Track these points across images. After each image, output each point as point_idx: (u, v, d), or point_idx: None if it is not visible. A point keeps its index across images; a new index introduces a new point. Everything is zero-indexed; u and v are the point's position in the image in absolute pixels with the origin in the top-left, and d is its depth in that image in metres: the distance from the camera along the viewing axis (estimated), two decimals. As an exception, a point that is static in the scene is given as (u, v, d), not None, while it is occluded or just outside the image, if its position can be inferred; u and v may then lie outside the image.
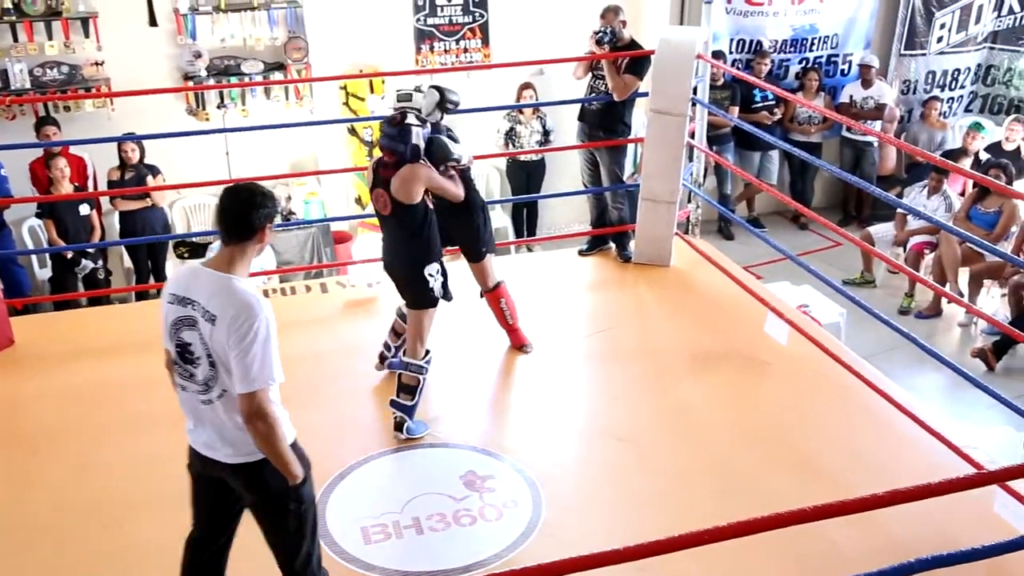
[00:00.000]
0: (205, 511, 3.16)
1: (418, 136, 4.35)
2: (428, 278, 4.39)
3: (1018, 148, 8.60)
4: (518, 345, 5.18)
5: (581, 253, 6.37)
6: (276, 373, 2.87)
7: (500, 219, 8.45)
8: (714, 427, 4.54)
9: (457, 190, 4.56)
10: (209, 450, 2.99)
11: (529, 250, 8.31)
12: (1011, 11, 9.67)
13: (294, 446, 2.98)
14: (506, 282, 5.07)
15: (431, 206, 4.48)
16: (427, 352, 4.48)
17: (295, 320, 5.55)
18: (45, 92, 7.31)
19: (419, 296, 4.45)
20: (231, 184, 3.08)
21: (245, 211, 2.90)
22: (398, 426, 4.41)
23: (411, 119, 4.38)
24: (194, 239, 7.78)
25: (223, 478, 3.02)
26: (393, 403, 4.42)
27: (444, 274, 4.49)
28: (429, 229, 4.43)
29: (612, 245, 6.33)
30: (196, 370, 2.91)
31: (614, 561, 2.13)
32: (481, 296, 5.08)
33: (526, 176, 8.54)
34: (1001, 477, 2.39)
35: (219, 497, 3.09)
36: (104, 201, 7.52)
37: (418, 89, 4.63)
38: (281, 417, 2.93)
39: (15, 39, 7.27)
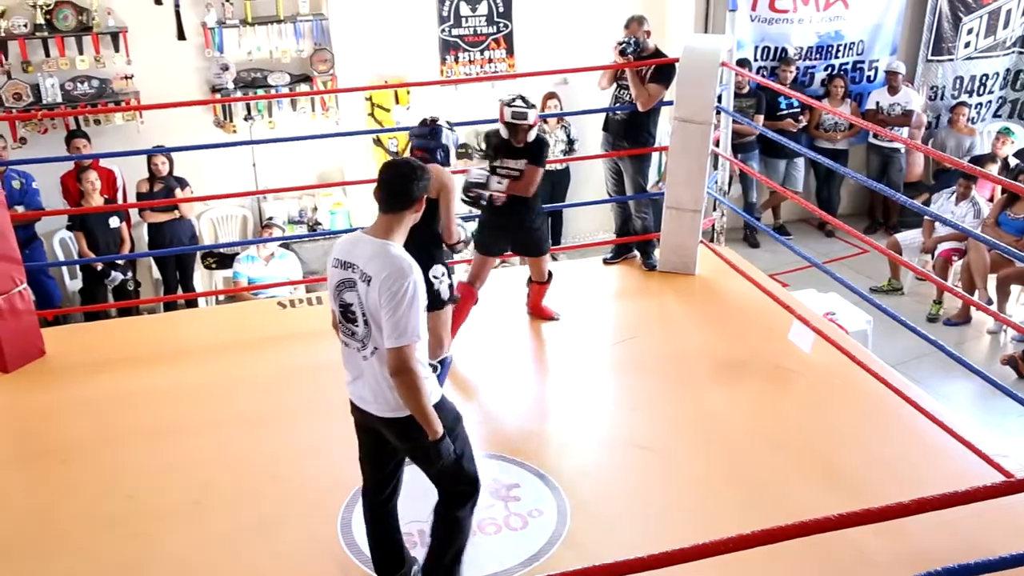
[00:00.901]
0: (368, 459, 3.44)
1: (448, 138, 4.43)
2: (434, 280, 4.36)
3: (1048, 153, 8.52)
4: (548, 317, 5.56)
5: (606, 262, 6.37)
6: (422, 331, 3.05)
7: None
8: (739, 435, 4.52)
9: (454, 221, 4.43)
10: (364, 403, 3.25)
11: (554, 259, 8.29)
12: (1039, 15, 9.59)
13: (441, 403, 3.20)
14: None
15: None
16: (446, 353, 4.49)
17: (320, 330, 5.56)
18: (76, 106, 7.43)
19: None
20: (389, 160, 3.36)
21: (406, 183, 3.16)
22: None
23: (443, 121, 4.45)
24: (221, 250, 7.86)
25: (378, 428, 3.27)
26: None
27: (450, 275, 4.49)
28: (434, 229, 4.42)
29: (637, 254, 6.33)
30: (356, 328, 3.15)
31: (638, 569, 2.12)
32: (528, 283, 5.54)
33: (551, 185, 8.53)
34: (1029, 486, 2.37)
35: (378, 445, 3.36)
36: (133, 213, 7.61)
37: (531, 105, 5.04)
38: (428, 376, 3.12)
39: (47, 54, 7.40)
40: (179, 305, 7.33)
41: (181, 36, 7.72)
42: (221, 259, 7.88)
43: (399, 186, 3.16)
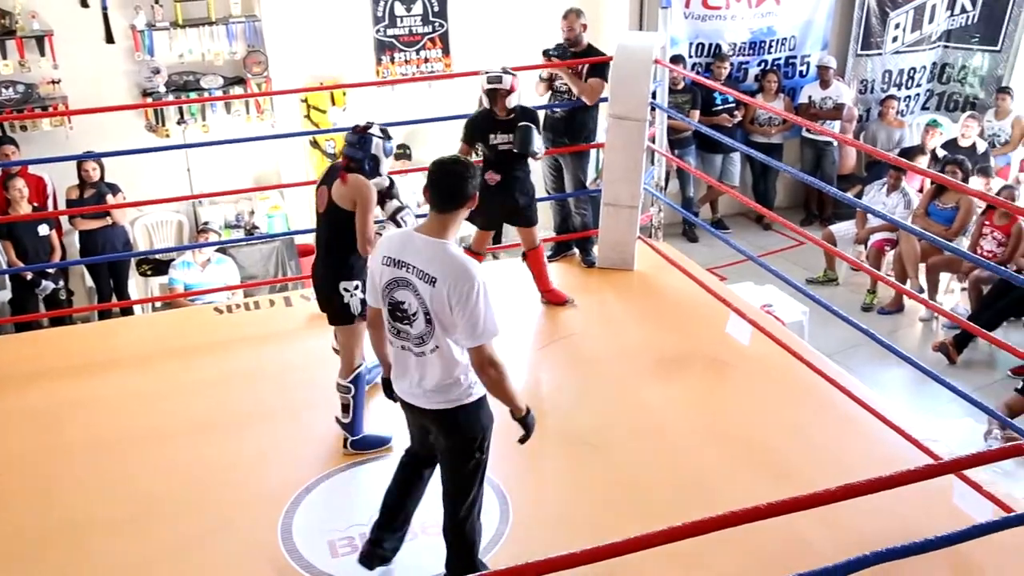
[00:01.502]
0: (417, 437, 3.55)
1: (378, 148, 4.24)
2: (344, 293, 4.22)
3: (974, 144, 8.74)
4: (560, 301, 5.65)
5: (547, 259, 6.38)
6: (498, 326, 3.15)
7: (465, 227, 8.44)
8: (678, 428, 4.57)
9: (370, 235, 4.17)
10: (412, 398, 3.32)
11: (495, 257, 8.31)
12: (963, 10, 9.84)
13: (485, 401, 3.33)
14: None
15: None
16: (357, 368, 4.33)
17: (260, 334, 5.54)
18: (1, 111, 7.24)
19: (336, 312, 4.30)
20: (439, 159, 3.31)
21: (460, 182, 3.19)
22: (344, 442, 4.41)
23: (375, 130, 4.28)
24: (157, 256, 7.73)
25: (426, 424, 3.37)
26: (337, 420, 4.40)
27: (364, 292, 4.18)
28: (349, 241, 4.23)
29: (576, 251, 6.36)
30: (409, 327, 3.19)
31: (577, 564, 2.13)
32: (523, 259, 5.63)
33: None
34: (952, 467, 2.43)
35: (424, 435, 3.47)
36: (64, 221, 7.45)
37: (505, 71, 5.15)
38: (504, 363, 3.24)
39: (-32, 59, 7.22)
40: (114, 313, 7.19)
41: (110, 39, 7.58)
42: (156, 266, 7.75)
43: (453, 186, 3.19)
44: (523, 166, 5.39)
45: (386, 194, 4.40)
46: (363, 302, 4.20)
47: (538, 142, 5.23)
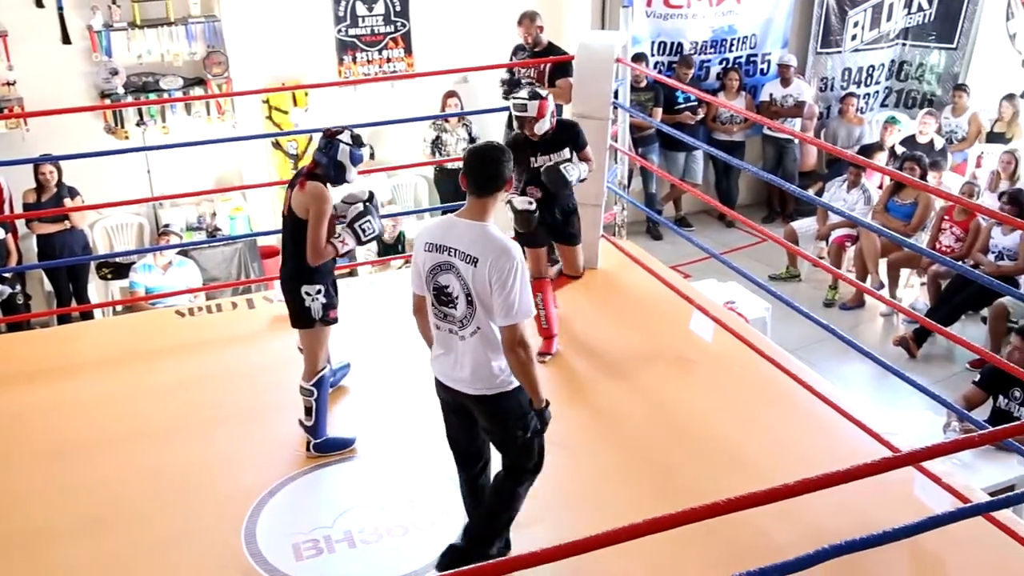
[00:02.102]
0: (456, 436, 3.61)
1: (344, 154, 4.11)
2: (305, 297, 4.16)
3: (931, 141, 8.86)
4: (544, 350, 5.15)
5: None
6: (532, 307, 3.27)
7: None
8: (643, 426, 4.59)
9: (319, 246, 4.07)
10: (456, 383, 3.39)
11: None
12: (920, 8, 9.97)
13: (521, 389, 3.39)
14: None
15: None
16: (320, 371, 4.29)
17: (222, 337, 5.49)
18: (-45, 114, 7.13)
19: (296, 314, 4.24)
20: (474, 145, 3.49)
21: (497, 166, 3.30)
22: (307, 445, 4.38)
23: (345, 136, 4.16)
24: (117, 259, 7.64)
25: (467, 405, 3.42)
26: (300, 423, 4.38)
27: (328, 296, 4.20)
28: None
29: (540, 250, 6.35)
30: (454, 310, 3.29)
31: (540, 561, 2.13)
32: (557, 275, 5.32)
33: (454, 184, 8.53)
34: (908, 460, 2.47)
35: (467, 423, 3.52)
36: (20, 224, 7.34)
37: (533, 95, 4.79)
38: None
39: (-79, 60, 7.09)
40: (73, 318, 7.10)
41: (66, 40, 7.48)
42: (117, 269, 7.66)
43: (490, 170, 3.29)
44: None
45: (359, 202, 4.28)
46: (325, 307, 4.20)
47: (574, 173, 4.84)
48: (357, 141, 4.18)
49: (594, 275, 6.08)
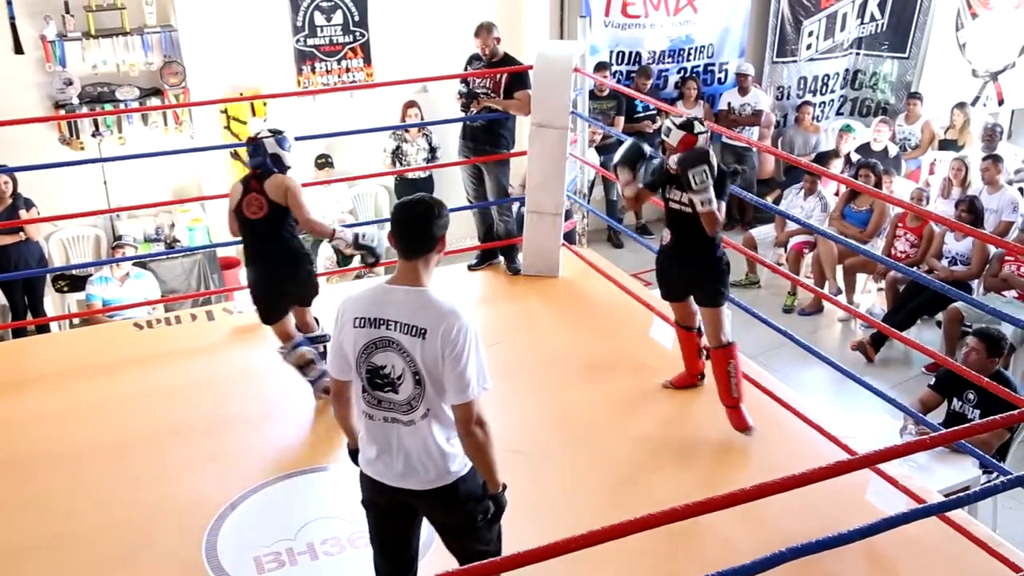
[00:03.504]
0: (388, 543, 3.12)
1: (273, 146, 4.57)
2: (309, 272, 4.67)
3: (885, 148, 9.01)
4: (740, 427, 4.47)
5: (470, 268, 6.40)
6: (488, 379, 2.86)
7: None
8: (606, 434, 4.61)
9: (309, 217, 4.62)
10: (399, 480, 2.92)
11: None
12: (873, 18, 10.15)
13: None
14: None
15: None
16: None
17: (181, 349, 5.45)
18: (-95, 126, 6.99)
19: (314, 287, 4.78)
20: (402, 200, 2.99)
21: (426, 225, 2.86)
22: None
23: (264, 132, 4.62)
24: (73, 271, 7.54)
25: (412, 504, 2.99)
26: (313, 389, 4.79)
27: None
28: (299, 237, 4.68)
29: (501, 259, 6.38)
30: (393, 394, 2.84)
31: (501, 569, 2.15)
32: (705, 355, 4.65)
33: (415, 193, 8.52)
34: (863, 463, 2.51)
35: (403, 524, 3.07)
36: (-26, 237, 7.21)
37: (675, 124, 4.28)
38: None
39: None
40: (29, 331, 6.99)
41: (19, 50, 7.38)
42: (73, 281, 7.55)
43: (419, 228, 2.87)
44: (700, 229, 4.34)
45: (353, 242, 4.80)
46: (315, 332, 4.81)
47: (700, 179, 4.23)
48: (275, 131, 4.64)
49: (555, 283, 6.11)
